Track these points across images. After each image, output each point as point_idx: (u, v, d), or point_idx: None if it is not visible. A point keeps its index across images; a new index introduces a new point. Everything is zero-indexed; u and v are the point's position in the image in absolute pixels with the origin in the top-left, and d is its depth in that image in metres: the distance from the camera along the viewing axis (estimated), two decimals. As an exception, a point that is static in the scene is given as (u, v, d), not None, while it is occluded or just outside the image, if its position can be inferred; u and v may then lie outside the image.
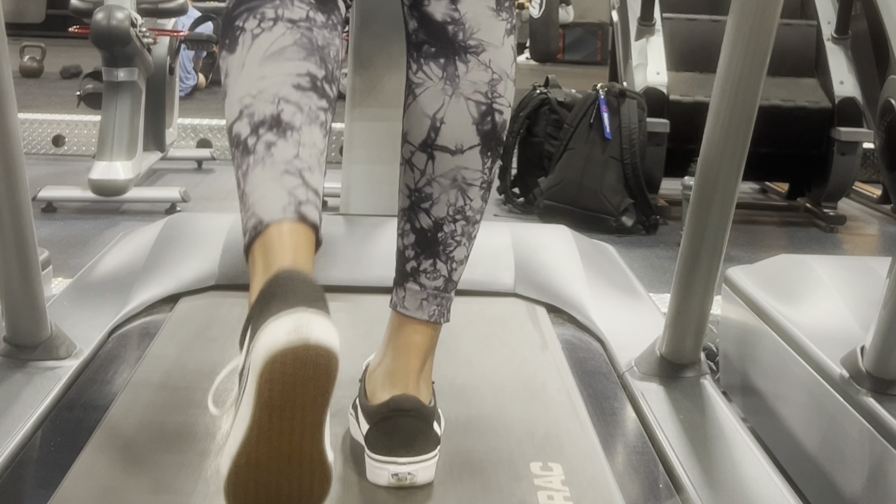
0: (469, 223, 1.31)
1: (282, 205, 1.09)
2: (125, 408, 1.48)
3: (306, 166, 1.12)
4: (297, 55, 1.16)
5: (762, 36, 1.40)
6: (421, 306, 1.30)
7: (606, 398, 1.66)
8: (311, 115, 1.14)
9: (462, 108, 1.28)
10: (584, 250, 2.25)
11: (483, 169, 1.30)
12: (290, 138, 1.12)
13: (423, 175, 1.29)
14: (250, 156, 1.12)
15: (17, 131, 1.49)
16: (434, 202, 1.29)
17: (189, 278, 2.03)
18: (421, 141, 1.29)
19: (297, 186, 1.10)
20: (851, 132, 4.41)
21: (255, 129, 1.13)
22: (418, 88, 1.30)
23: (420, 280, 1.30)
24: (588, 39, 10.49)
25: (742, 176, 1.52)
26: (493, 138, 1.30)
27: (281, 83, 1.14)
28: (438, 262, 1.30)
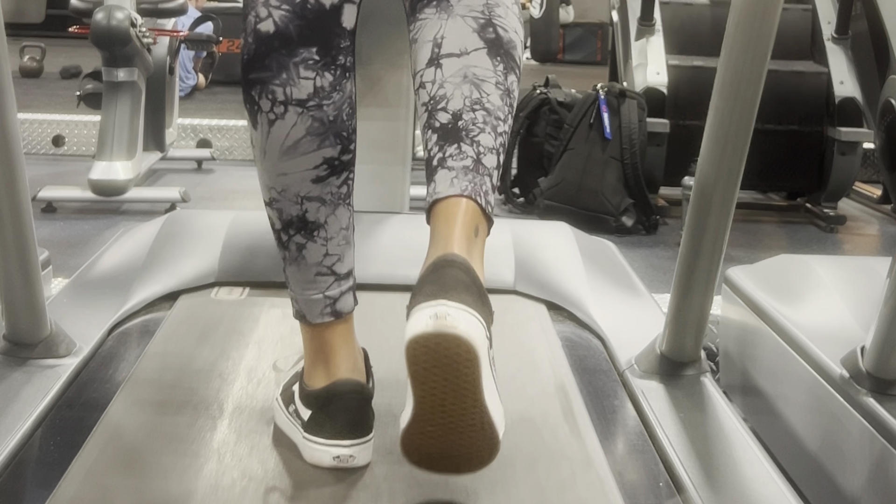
0: (490, 115, 1.23)
1: (319, 309, 1.31)
2: (125, 406, 1.48)
3: (337, 258, 1.32)
4: (310, 146, 1.27)
5: (763, 34, 1.40)
6: (451, 184, 1.20)
7: (606, 396, 1.66)
8: (333, 202, 1.30)
9: (459, 23, 1.28)
10: (584, 247, 2.24)
11: (494, 70, 1.25)
12: (318, 238, 1.30)
13: (433, 83, 1.25)
14: (285, 251, 1.32)
15: (16, 131, 1.49)
16: (449, 99, 1.24)
17: (189, 275, 2.03)
18: (427, 59, 1.27)
19: (330, 285, 1.32)
20: (851, 132, 4.41)
21: (286, 227, 1.31)
22: (417, 32, 1.30)
23: (447, 164, 1.21)
24: (588, 39, 10.48)
25: (742, 176, 1.52)
26: (498, 45, 1.27)
27: (300, 180, 1.28)
28: (463, 144, 1.22)
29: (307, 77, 1.26)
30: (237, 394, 1.53)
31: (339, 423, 1.29)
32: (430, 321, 1.09)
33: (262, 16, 1.26)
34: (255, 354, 1.69)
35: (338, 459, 1.29)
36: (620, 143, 4.23)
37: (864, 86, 4.51)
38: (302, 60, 1.26)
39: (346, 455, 1.29)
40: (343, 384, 1.30)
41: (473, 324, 1.10)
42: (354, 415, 1.30)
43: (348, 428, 1.29)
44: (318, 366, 1.32)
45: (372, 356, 1.40)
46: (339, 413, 1.29)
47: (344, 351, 1.32)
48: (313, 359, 1.33)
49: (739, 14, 1.40)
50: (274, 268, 2.04)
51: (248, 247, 2.09)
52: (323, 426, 1.29)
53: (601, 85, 4.36)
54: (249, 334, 1.78)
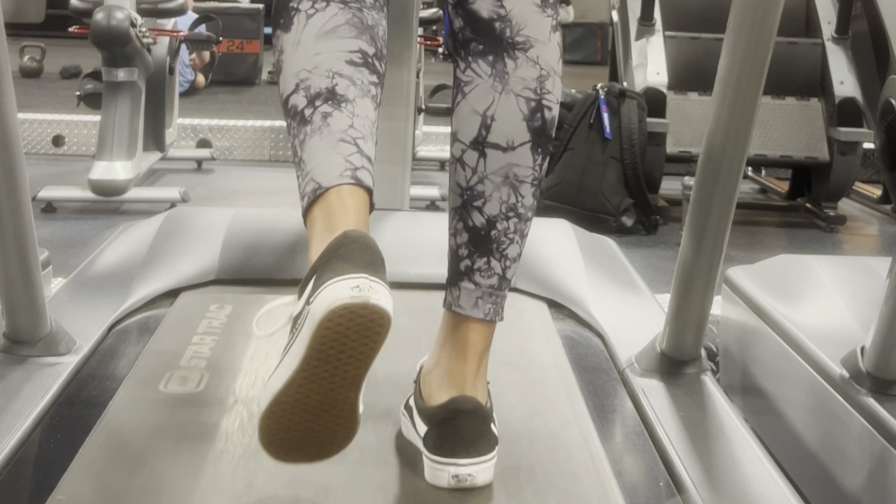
0: (521, 220, 1.31)
1: (339, 170, 1.17)
2: (125, 404, 1.48)
3: (360, 135, 1.20)
4: (349, 33, 1.22)
5: (763, 33, 1.40)
6: (476, 304, 1.30)
7: (606, 394, 1.66)
8: (363, 89, 1.22)
9: (512, 105, 1.30)
10: (584, 245, 2.24)
11: (534, 165, 1.31)
12: (344, 109, 1.20)
13: (474, 173, 1.30)
14: (307, 125, 1.20)
15: (16, 131, 1.49)
16: (487, 200, 1.30)
17: (189, 273, 2.03)
18: (472, 139, 1.30)
19: (352, 153, 1.18)
20: (851, 132, 4.41)
21: (312, 101, 1.20)
22: (467, 87, 1.32)
23: (475, 278, 1.31)
24: (588, 39, 10.48)
25: (742, 175, 1.52)
26: (543, 134, 1.32)
27: (335, 59, 1.21)
28: (493, 259, 1.30)
29: None
30: (237, 392, 1.53)
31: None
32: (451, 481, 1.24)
33: None
34: (255, 351, 1.69)
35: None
36: (620, 143, 4.23)
37: (864, 86, 4.51)
38: None
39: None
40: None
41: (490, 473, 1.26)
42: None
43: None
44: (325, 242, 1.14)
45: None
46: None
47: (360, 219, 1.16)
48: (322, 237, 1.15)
49: (739, 16, 1.41)
50: (274, 265, 2.05)
51: (249, 244, 2.09)
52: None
53: (601, 85, 4.36)
54: (250, 331, 1.78)
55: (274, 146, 5.55)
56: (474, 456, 1.26)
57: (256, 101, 6.71)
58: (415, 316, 1.71)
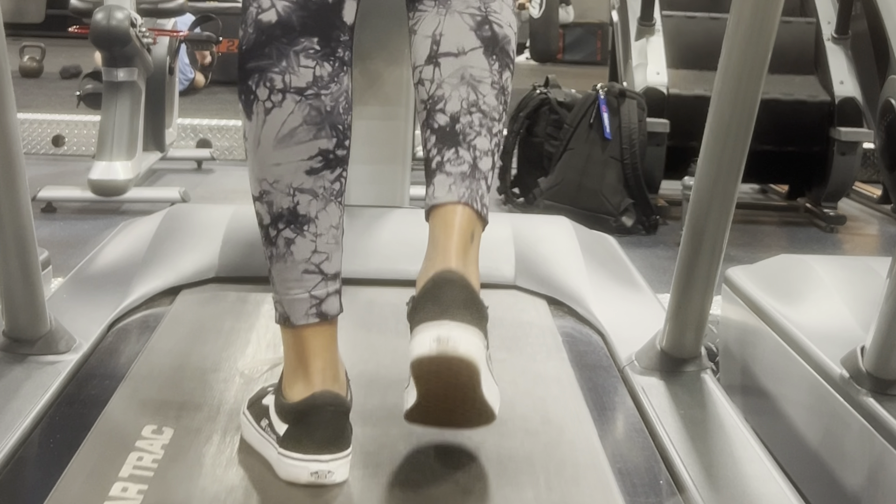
0: (486, 117, 1.29)
1: (304, 309, 1.27)
2: (125, 402, 1.48)
3: (325, 257, 1.28)
4: (307, 135, 1.26)
5: (763, 34, 1.40)
6: (449, 190, 1.26)
7: (606, 392, 1.66)
8: (325, 197, 1.28)
9: (457, 20, 1.32)
10: (584, 242, 2.24)
11: (490, 70, 1.30)
12: (307, 233, 1.27)
13: (432, 83, 1.31)
14: (272, 247, 1.28)
15: (16, 131, 1.49)
16: (447, 100, 1.29)
17: (189, 271, 2.02)
18: (425, 57, 1.32)
19: (317, 284, 1.27)
20: (851, 132, 4.41)
21: (275, 221, 1.27)
22: (416, 24, 1.34)
23: (445, 169, 1.28)
24: (588, 39, 10.48)
25: (742, 177, 1.52)
26: (494, 43, 1.31)
27: (294, 170, 1.26)
28: (460, 149, 1.28)
29: (307, 66, 1.27)
30: (237, 390, 1.53)
31: (317, 437, 1.24)
32: (433, 345, 1.17)
33: (265, 6, 1.29)
34: (255, 350, 1.69)
35: (315, 475, 1.24)
36: (620, 143, 4.23)
37: (864, 86, 4.51)
38: (302, 49, 1.28)
39: (324, 470, 1.24)
40: (322, 396, 1.25)
41: (473, 342, 1.19)
42: (333, 429, 1.25)
43: (326, 442, 1.25)
44: (298, 374, 1.27)
45: (370, 351, 1.40)
46: (318, 427, 1.25)
47: (326, 358, 1.28)
48: (294, 366, 1.28)
49: (738, 17, 1.41)
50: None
51: (249, 241, 2.08)
52: (300, 441, 1.25)
53: (601, 85, 4.36)
54: (249, 330, 1.78)
55: (274, 146, 5.54)
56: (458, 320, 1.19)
57: (256, 101, 6.69)
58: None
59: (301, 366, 1.27)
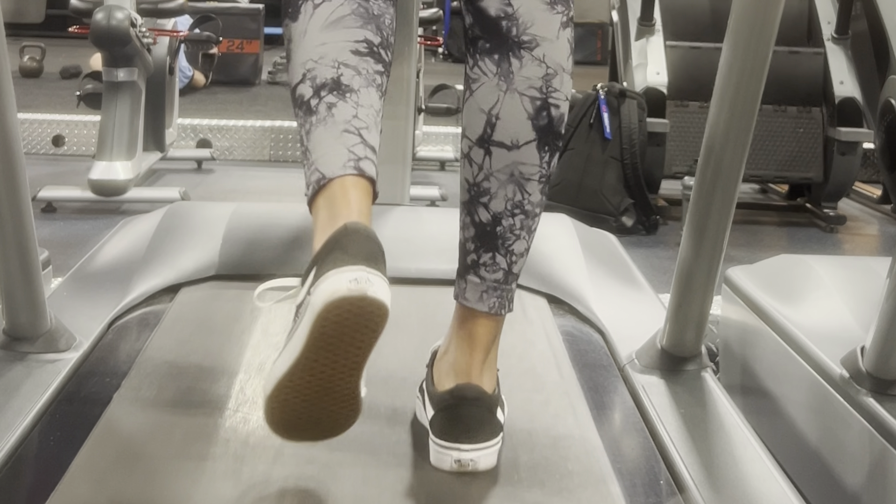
0: (528, 217, 1.33)
1: (342, 161, 1.19)
2: (126, 401, 1.48)
3: (364, 125, 1.22)
4: (354, 23, 1.24)
5: (763, 33, 1.40)
6: (481, 298, 1.33)
7: (607, 391, 1.66)
8: (368, 78, 1.23)
9: (517, 104, 1.30)
10: (584, 240, 2.24)
11: (541, 164, 1.32)
12: (349, 100, 1.22)
13: (481, 170, 1.32)
14: (313, 115, 1.22)
15: (17, 131, 1.49)
16: (492, 196, 1.31)
17: (189, 268, 2.02)
18: (478, 137, 1.32)
19: (356, 144, 1.20)
20: (851, 132, 4.41)
21: (318, 91, 1.22)
22: (474, 84, 1.32)
23: (480, 273, 1.33)
24: (588, 39, 10.47)
25: (742, 175, 1.52)
26: (549, 132, 1.32)
27: (340, 49, 1.23)
28: (497, 255, 1.33)
29: None
30: (239, 387, 1.53)
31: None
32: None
33: None
34: (256, 347, 1.69)
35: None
36: (620, 143, 4.23)
37: (864, 86, 4.51)
38: None
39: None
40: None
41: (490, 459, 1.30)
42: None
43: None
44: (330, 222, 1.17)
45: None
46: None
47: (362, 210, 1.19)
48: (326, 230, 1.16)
49: (740, 12, 1.40)
50: (274, 260, 2.04)
51: (249, 239, 2.08)
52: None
53: (601, 85, 4.36)
54: (250, 327, 1.78)
55: (274, 146, 5.55)
56: (476, 442, 1.29)
57: (256, 101, 6.71)
58: (415, 311, 1.71)
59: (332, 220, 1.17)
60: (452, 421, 1.30)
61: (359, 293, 1.07)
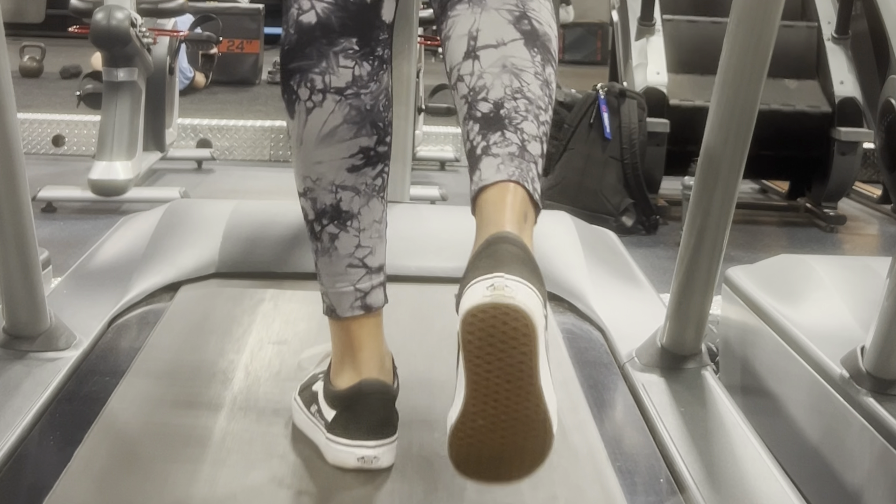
0: (532, 104, 1.21)
1: (349, 302, 1.31)
2: (125, 399, 1.48)
3: (368, 251, 1.31)
4: (348, 134, 1.28)
5: (763, 35, 1.40)
6: (498, 170, 1.17)
7: (607, 389, 1.66)
8: (367, 193, 1.30)
9: (494, 16, 1.26)
10: (584, 237, 2.23)
11: (532, 60, 1.23)
12: (350, 228, 1.30)
13: (472, 76, 1.23)
14: (318, 242, 1.32)
15: (16, 131, 1.49)
16: (489, 89, 1.21)
17: (189, 266, 2.02)
18: (463, 52, 1.25)
19: (361, 278, 1.31)
20: (851, 132, 4.41)
21: (319, 217, 1.30)
22: (450, 30, 1.28)
23: (491, 151, 1.18)
24: (588, 39, 10.48)
25: (742, 175, 1.52)
26: (535, 37, 1.25)
27: (337, 169, 1.28)
28: (507, 132, 1.19)
29: (346, 66, 1.28)
30: (238, 386, 1.53)
31: (364, 424, 1.29)
32: (486, 292, 1.05)
33: (305, 8, 1.29)
34: (256, 346, 1.69)
35: (362, 460, 1.29)
36: (620, 143, 4.23)
37: (864, 86, 4.51)
38: (342, 50, 1.28)
39: (370, 456, 1.29)
40: (369, 384, 1.29)
41: (531, 296, 1.05)
42: (380, 416, 1.30)
43: (373, 429, 1.29)
44: (345, 363, 1.32)
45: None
46: (365, 414, 1.29)
47: (372, 347, 1.32)
48: (341, 356, 1.33)
49: (739, 19, 1.41)
50: (274, 258, 2.04)
51: (249, 237, 2.08)
52: (347, 427, 1.30)
53: (601, 85, 4.36)
54: (250, 325, 1.78)
55: (274, 146, 5.55)
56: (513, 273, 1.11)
57: (256, 101, 6.71)
58: (415, 309, 1.71)
59: (348, 355, 1.32)
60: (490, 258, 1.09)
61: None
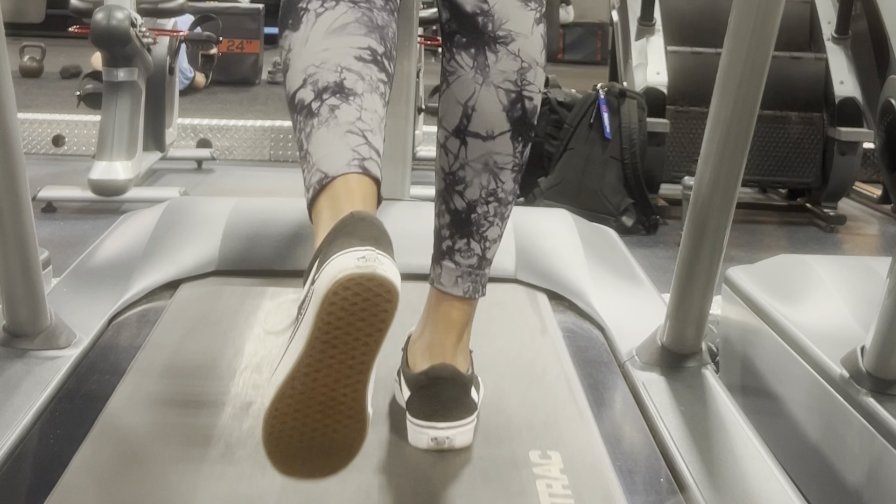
0: (501, 204, 1.37)
1: (346, 160, 1.14)
2: (126, 398, 1.48)
3: (368, 128, 1.17)
4: (358, 31, 1.22)
5: (765, 33, 1.40)
6: (456, 283, 1.38)
7: (607, 387, 1.66)
8: (371, 84, 1.19)
9: (492, 96, 1.34)
10: (585, 235, 2.23)
11: (514, 153, 1.36)
12: (352, 103, 1.17)
13: (456, 159, 1.36)
14: (314, 118, 1.17)
15: (17, 131, 1.49)
16: (467, 185, 1.36)
17: (189, 264, 2.02)
18: (454, 127, 1.36)
19: (360, 144, 1.15)
20: (851, 132, 4.41)
21: (319, 94, 1.17)
22: (451, 77, 1.36)
23: (455, 258, 1.38)
24: (588, 39, 10.48)
25: (742, 175, 1.52)
26: (523, 123, 1.36)
27: (343, 54, 1.19)
28: (472, 241, 1.37)
29: None
30: (239, 384, 1.53)
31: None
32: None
33: None
34: (256, 343, 1.69)
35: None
36: (620, 142, 4.23)
37: (864, 86, 4.51)
38: None
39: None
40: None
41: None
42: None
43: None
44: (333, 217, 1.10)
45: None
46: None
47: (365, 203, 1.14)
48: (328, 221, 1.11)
49: (740, 12, 1.40)
50: (275, 256, 2.04)
51: (249, 234, 2.08)
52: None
53: (601, 85, 4.36)
54: (251, 323, 1.78)
55: (274, 146, 5.55)
56: (452, 420, 1.34)
57: (256, 101, 6.71)
58: (416, 307, 1.71)
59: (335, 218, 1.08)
60: (428, 400, 1.34)
61: (368, 270, 0.98)
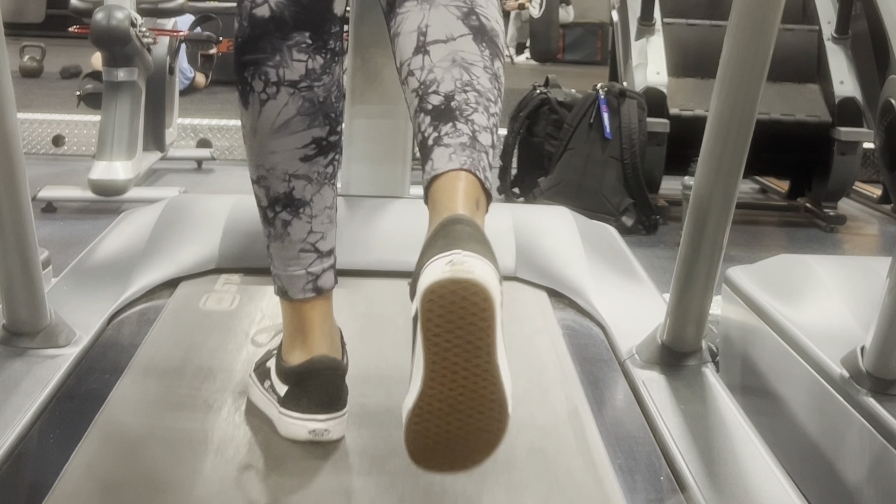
0: (482, 96, 1.21)
1: (301, 285, 1.36)
2: (125, 396, 1.48)
3: (320, 237, 1.36)
4: (301, 125, 1.31)
5: (763, 34, 1.40)
6: (450, 159, 1.17)
7: (607, 386, 1.66)
8: (319, 181, 1.34)
9: (442, 12, 1.26)
10: (585, 233, 2.23)
11: (481, 55, 1.24)
12: (303, 216, 1.34)
13: (422, 70, 1.23)
14: (270, 227, 1.37)
15: (16, 131, 1.49)
16: (440, 82, 1.21)
17: (189, 262, 2.02)
18: (413, 48, 1.25)
19: (312, 262, 1.36)
20: (851, 132, 4.41)
21: (273, 204, 1.35)
22: (399, 26, 1.28)
23: (443, 142, 1.18)
24: (588, 39, 10.48)
25: (742, 175, 1.52)
26: (483, 33, 1.25)
27: (289, 158, 1.32)
28: (458, 123, 1.19)
29: (300, 59, 1.31)
30: (238, 382, 1.53)
31: (315, 398, 1.34)
32: (446, 268, 1.04)
33: (259, 1, 1.31)
34: (256, 341, 1.69)
35: (313, 433, 1.34)
36: (620, 143, 4.23)
37: (864, 86, 4.51)
38: (295, 44, 1.31)
39: (321, 429, 1.34)
40: (319, 360, 1.34)
41: (489, 271, 1.05)
42: (330, 390, 1.34)
43: (324, 403, 1.34)
44: (296, 342, 1.37)
45: (368, 343, 1.40)
46: (315, 389, 1.34)
47: (323, 328, 1.37)
48: (292, 335, 1.37)
49: (741, 13, 1.40)
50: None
51: (249, 232, 2.08)
52: (299, 401, 1.34)
53: (601, 85, 4.36)
54: (250, 321, 1.78)
55: (274, 146, 5.54)
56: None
57: (256, 101, 6.70)
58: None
59: (299, 335, 1.37)
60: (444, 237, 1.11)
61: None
